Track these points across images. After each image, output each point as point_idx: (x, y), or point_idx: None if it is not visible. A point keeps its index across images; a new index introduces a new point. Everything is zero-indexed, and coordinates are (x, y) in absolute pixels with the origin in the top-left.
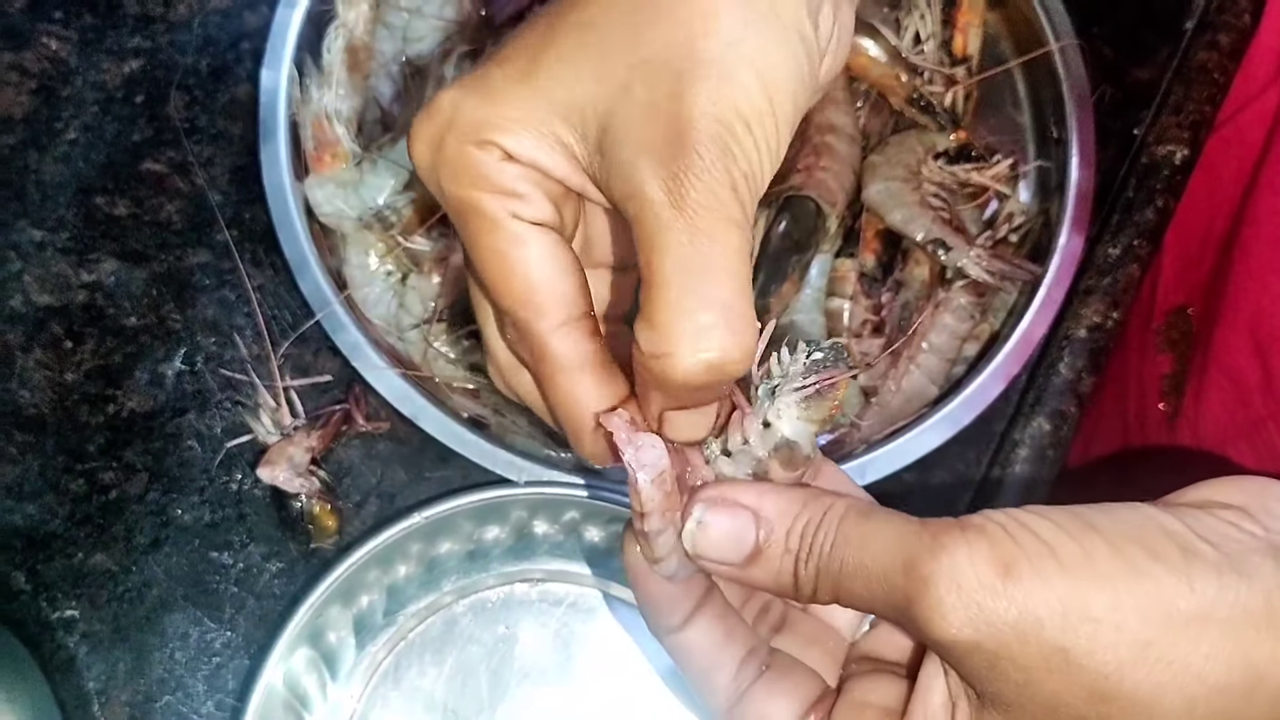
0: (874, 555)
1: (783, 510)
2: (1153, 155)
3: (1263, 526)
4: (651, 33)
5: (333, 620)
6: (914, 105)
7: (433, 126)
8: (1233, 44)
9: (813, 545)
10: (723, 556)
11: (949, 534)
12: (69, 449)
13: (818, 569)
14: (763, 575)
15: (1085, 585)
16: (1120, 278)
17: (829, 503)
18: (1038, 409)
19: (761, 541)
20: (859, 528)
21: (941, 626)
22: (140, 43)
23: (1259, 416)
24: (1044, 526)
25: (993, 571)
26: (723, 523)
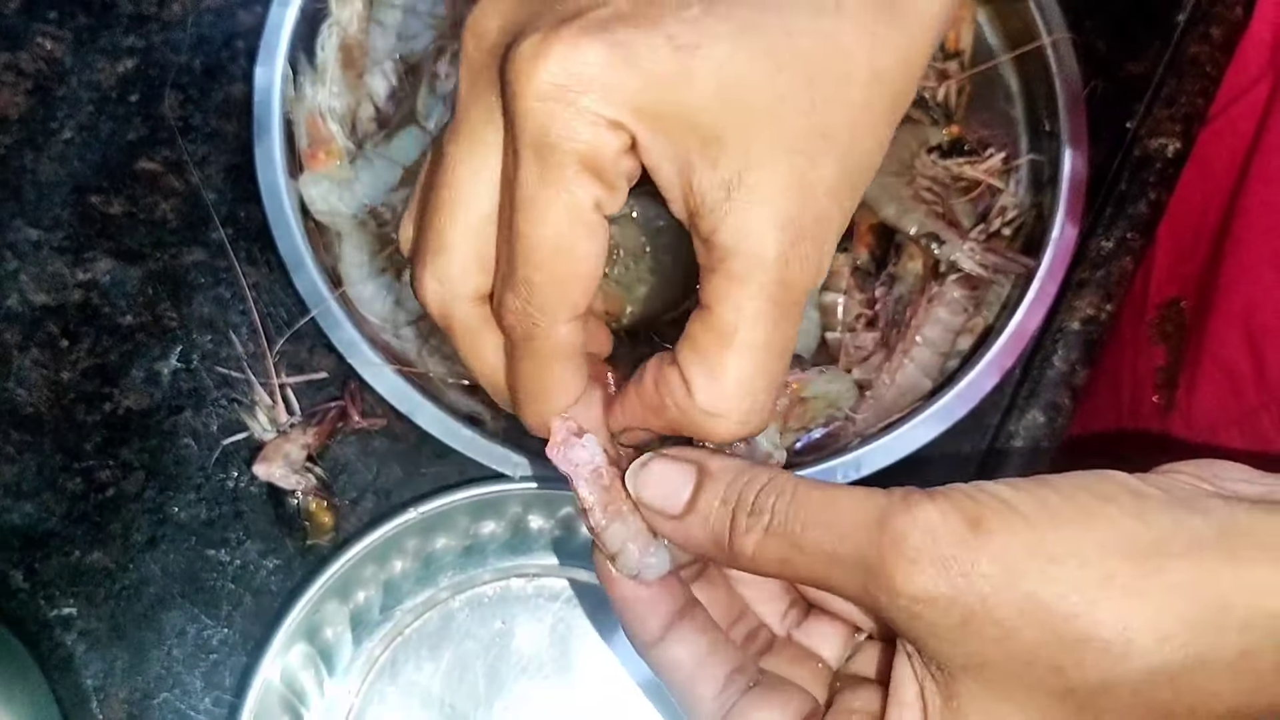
0: (841, 511)
1: (725, 466)
2: (1145, 148)
3: (1213, 485)
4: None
5: (329, 616)
6: None
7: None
8: (1224, 37)
9: (758, 501)
10: (660, 501)
11: (915, 496)
12: (66, 447)
13: (768, 525)
14: (698, 526)
15: (1046, 530)
16: (1113, 270)
17: (777, 471)
18: (1032, 402)
19: (699, 493)
20: (820, 488)
21: (918, 581)
22: (134, 42)
23: (1252, 407)
24: (1003, 489)
25: (963, 525)
26: (663, 467)
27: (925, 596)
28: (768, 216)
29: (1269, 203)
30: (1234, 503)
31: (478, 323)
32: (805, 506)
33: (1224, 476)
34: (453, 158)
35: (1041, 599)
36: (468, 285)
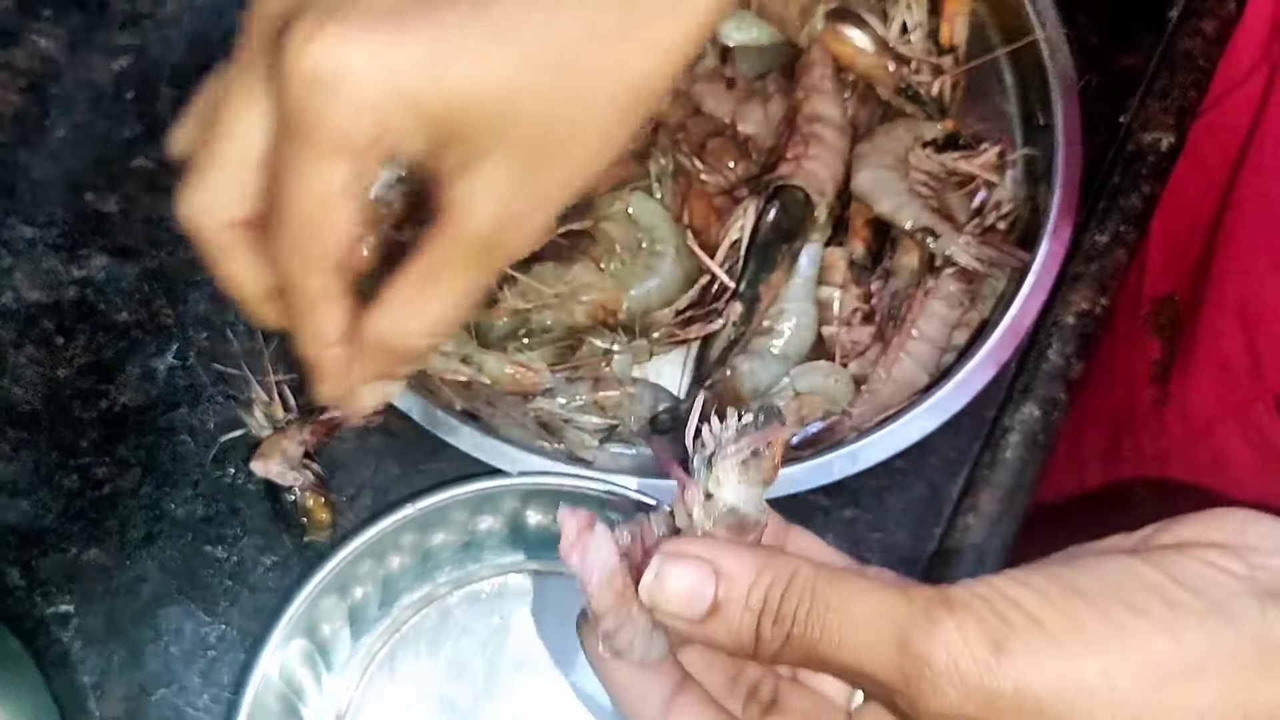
0: (860, 624)
1: (742, 566)
2: (1139, 142)
3: (1245, 564)
4: None
5: (327, 612)
6: (902, 95)
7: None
8: (1217, 31)
9: (782, 608)
10: (681, 611)
11: (937, 610)
12: (62, 445)
13: (788, 634)
14: (722, 633)
15: (1076, 655)
16: (1108, 264)
17: (794, 564)
18: (1028, 395)
19: (720, 597)
20: (839, 592)
21: (942, 703)
22: (129, 40)
23: (1246, 398)
24: (1027, 597)
25: (986, 649)
26: (681, 575)
27: (949, 716)
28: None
29: (1263, 195)
30: (1269, 604)
31: (227, 243)
32: (824, 615)
33: (1258, 549)
34: (235, 98)
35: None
36: (225, 209)
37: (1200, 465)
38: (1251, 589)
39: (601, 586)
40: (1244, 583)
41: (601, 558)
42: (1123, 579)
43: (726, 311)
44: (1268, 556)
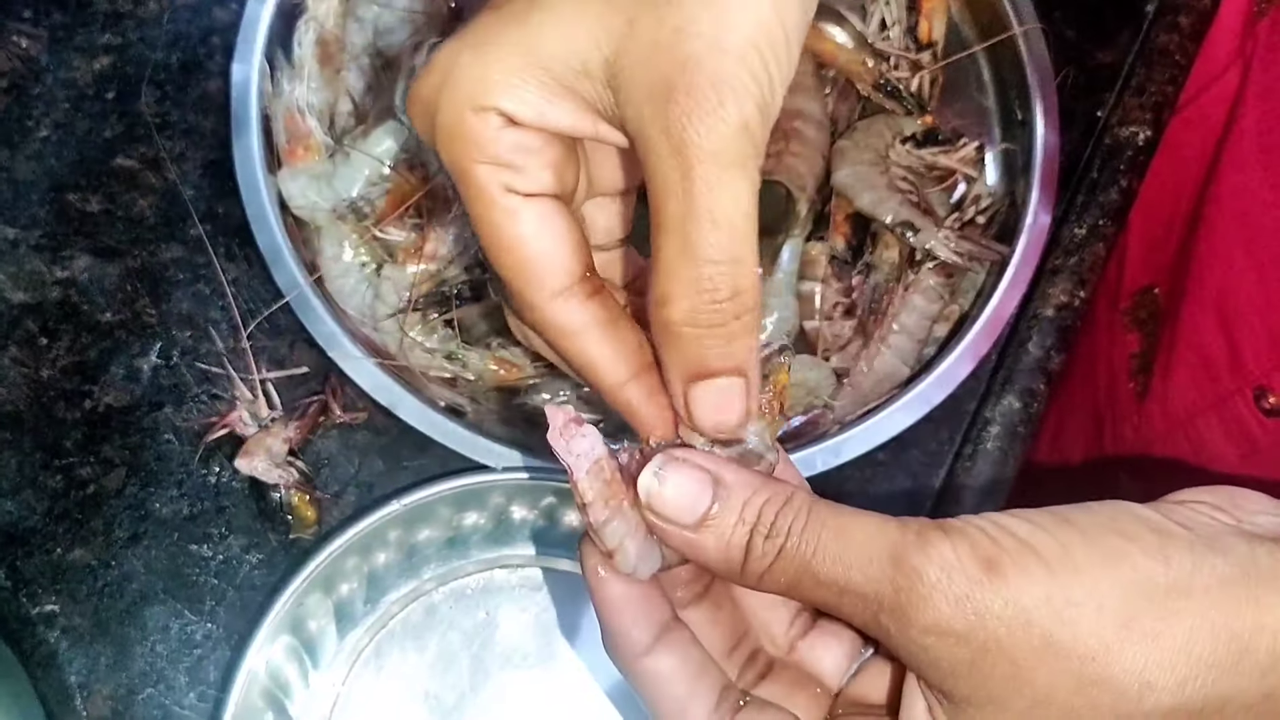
0: (855, 542)
1: (742, 481)
2: (1116, 136)
3: (1234, 518)
4: None
5: (313, 608)
6: (881, 90)
7: (428, 88)
8: (1193, 26)
9: (776, 522)
10: (675, 514)
11: (932, 530)
12: (46, 445)
13: (780, 548)
14: (713, 543)
15: (1065, 573)
16: (1086, 257)
17: (792, 489)
18: (1008, 387)
19: (716, 507)
20: (836, 516)
21: (930, 616)
22: (110, 39)
23: (1226, 391)
24: (1021, 527)
25: (978, 566)
26: (680, 477)
27: (937, 630)
28: (638, 90)
29: (1240, 188)
30: (1256, 542)
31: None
32: (819, 532)
33: (1246, 509)
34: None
35: (1057, 640)
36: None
37: (1181, 457)
38: (1239, 532)
39: (590, 474)
40: (1232, 528)
41: (590, 444)
42: (1115, 513)
43: None
44: (1255, 515)
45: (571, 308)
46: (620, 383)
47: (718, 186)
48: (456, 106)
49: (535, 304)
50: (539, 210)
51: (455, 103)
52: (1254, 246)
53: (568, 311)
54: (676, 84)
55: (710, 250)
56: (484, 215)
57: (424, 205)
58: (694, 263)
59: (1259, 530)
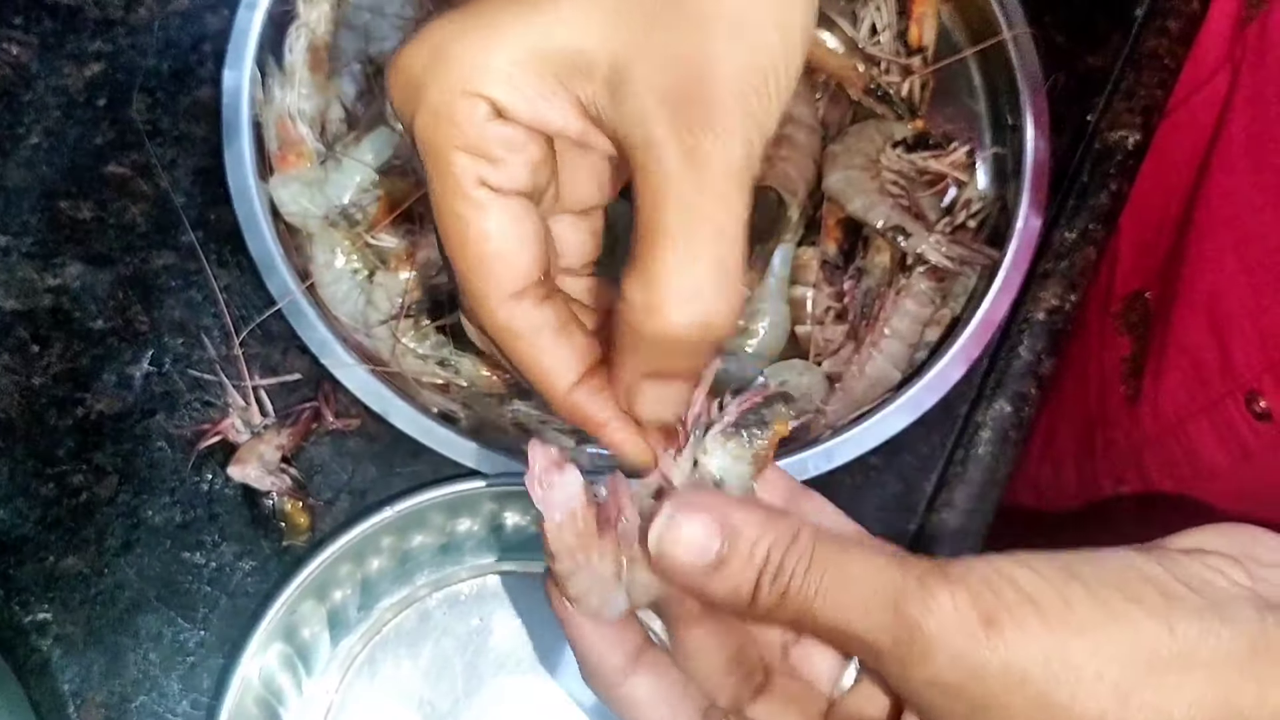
0: (856, 586)
1: (750, 521)
2: (1106, 140)
3: (1248, 575)
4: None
5: (306, 616)
6: (872, 95)
7: (419, 61)
8: (1182, 30)
9: (783, 564)
10: (688, 560)
11: (933, 578)
12: (38, 453)
13: (785, 590)
14: (721, 586)
15: (1065, 634)
16: (1077, 261)
17: (797, 523)
18: (999, 391)
19: (727, 551)
20: (838, 554)
21: (931, 669)
22: (101, 46)
23: (1217, 395)
24: (1024, 576)
25: (978, 623)
26: (693, 525)
27: (935, 683)
28: (647, 96)
29: (1230, 192)
30: (1267, 611)
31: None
32: (821, 575)
33: (1261, 559)
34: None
35: (1054, 702)
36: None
37: (1173, 461)
38: (1253, 597)
39: (562, 525)
40: (1244, 591)
41: (567, 494)
42: (1123, 569)
43: None
44: (1272, 570)
45: (525, 310)
46: (567, 389)
47: (727, 202)
48: (448, 87)
49: (489, 303)
50: (510, 208)
51: (447, 83)
52: (1244, 250)
53: (521, 313)
54: (697, 96)
55: (711, 262)
56: (451, 206)
57: (416, 211)
58: (689, 273)
59: (1272, 590)
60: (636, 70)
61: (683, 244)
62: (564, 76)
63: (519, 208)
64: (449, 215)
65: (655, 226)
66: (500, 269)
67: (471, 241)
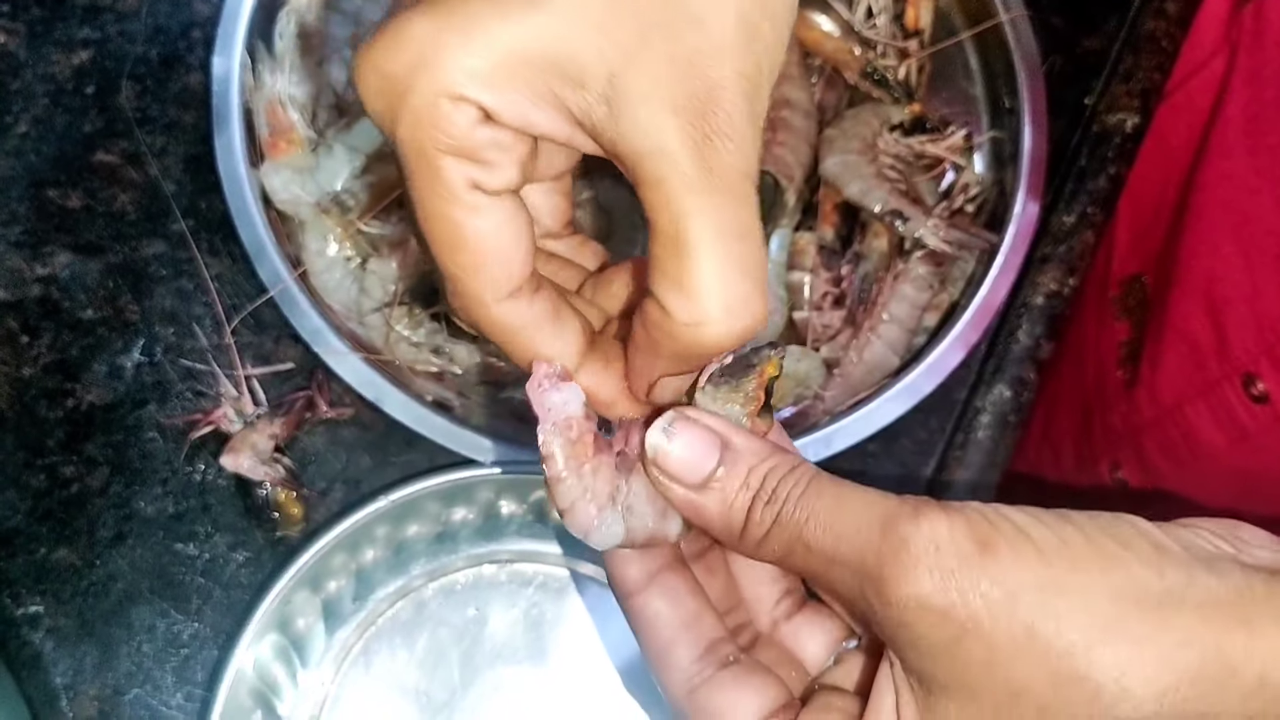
0: (849, 511)
1: (750, 447)
2: (1104, 124)
3: (1233, 547)
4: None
5: (301, 606)
6: (868, 79)
7: (398, 64)
8: (1180, 12)
9: (777, 489)
10: (681, 471)
11: (926, 506)
12: (28, 444)
13: (777, 515)
14: (715, 506)
15: (1060, 567)
16: (1075, 245)
17: (798, 459)
18: (998, 376)
19: (724, 470)
20: (834, 485)
21: (913, 589)
22: (89, 33)
23: (1214, 378)
24: (1021, 516)
25: (971, 543)
26: (689, 436)
27: (917, 605)
28: (656, 107)
29: (1227, 175)
30: (1252, 571)
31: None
32: (815, 500)
33: (1247, 540)
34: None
35: (1039, 632)
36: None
37: (1171, 444)
38: (1236, 559)
39: (553, 427)
40: (1229, 555)
41: (560, 398)
42: (1116, 521)
43: None
44: (1254, 548)
45: (520, 307)
46: (570, 372)
47: (748, 202)
48: (433, 92)
49: (485, 305)
50: (503, 208)
51: (431, 88)
52: (1241, 233)
53: (517, 310)
54: (710, 103)
55: (750, 268)
56: (441, 210)
57: (409, 198)
58: (733, 286)
59: (1256, 561)
60: (638, 81)
61: (721, 257)
62: (555, 84)
63: (511, 206)
64: (439, 220)
65: (685, 240)
66: (496, 271)
67: (467, 245)
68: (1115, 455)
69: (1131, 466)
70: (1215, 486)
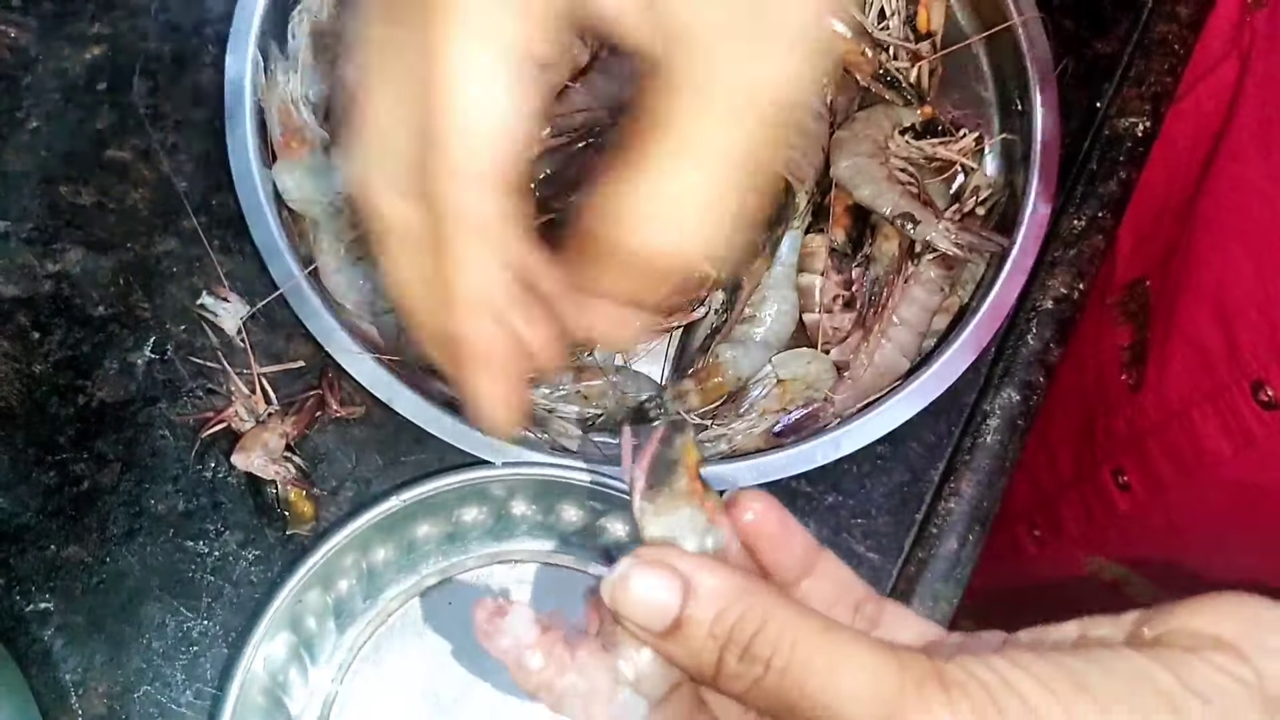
0: (846, 694)
1: (717, 587)
2: (1115, 127)
3: (1254, 670)
4: None
5: (312, 605)
6: (880, 81)
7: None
8: (1191, 16)
9: (752, 649)
10: (641, 620)
11: (931, 688)
12: (39, 441)
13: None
14: (681, 655)
15: None
16: (1085, 249)
17: (772, 604)
18: (1007, 380)
19: (684, 615)
20: (824, 654)
21: None
22: (101, 29)
23: (1223, 383)
24: (1030, 688)
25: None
26: (646, 581)
27: None
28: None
29: (1238, 180)
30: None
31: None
32: (804, 674)
33: (1266, 646)
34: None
35: None
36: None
37: (1176, 449)
38: (1260, 700)
39: (522, 666)
40: (1252, 692)
41: (515, 635)
42: (1133, 681)
43: (708, 299)
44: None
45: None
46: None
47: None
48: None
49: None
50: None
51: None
52: (1252, 239)
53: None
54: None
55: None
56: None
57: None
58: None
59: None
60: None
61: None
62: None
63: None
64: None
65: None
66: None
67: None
68: (1119, 460)
69: (1135, 472)
70: (1217, 497)
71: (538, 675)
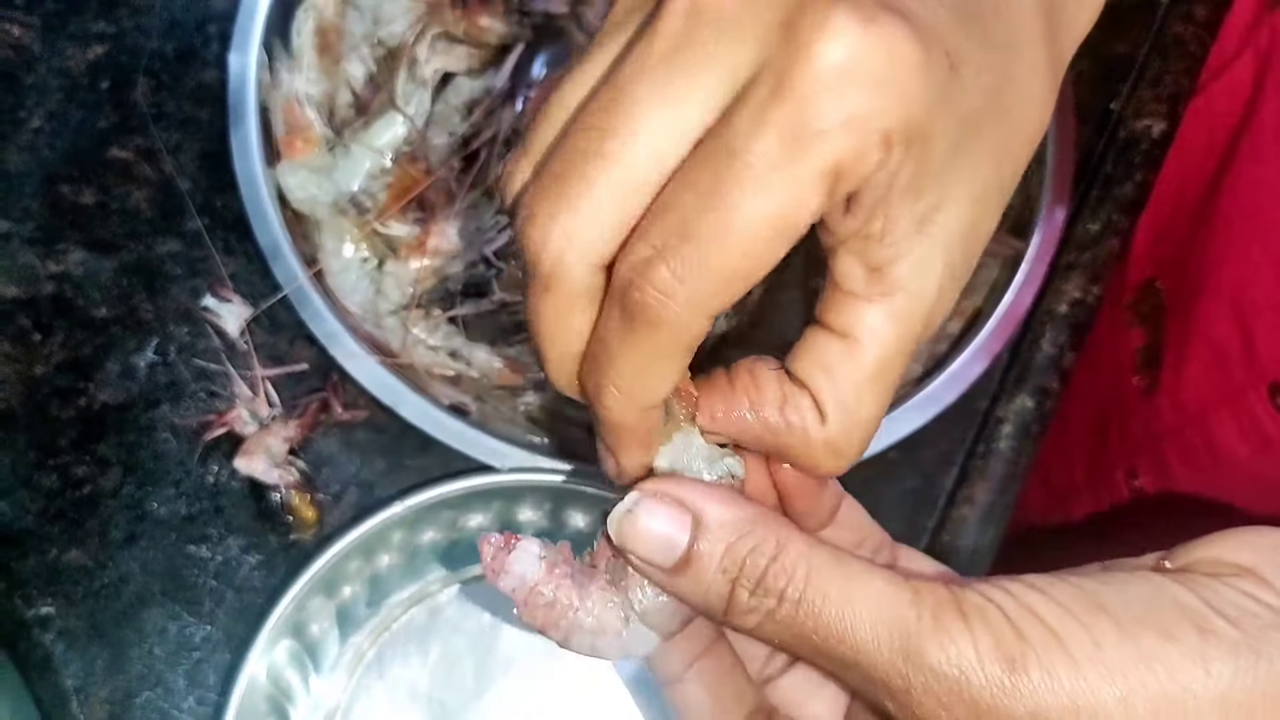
0: (861, 621)
1: (723, 521)
2: (1130, 129)
3: (1277, 593)
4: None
5: (315, 612)
6: None
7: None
8: (1208, 16)
9: (765, 581)
10: (648, 555)
11: (948, 616)
12: (40, 444)
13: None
14: (691, 591)
15: (1095, 679)
16: (1100, 253)
17: (785, 534)
18: (1021, 386)
19: (694, 550)
20: (839, 584)
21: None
22: (104, 28)
23: (1240, 385)
24: (1050, 610)
25: (999, 666)
26: (654, 516)
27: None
28: (943, 259)
29: (1257, 181)
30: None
31: (587, 293)
32: (820, 605)
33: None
34: (640, 99)
35: None
36: (601, 251)
37: (1192, 451)
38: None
39: (528, 602)
40: (1277, 616)
41: (521, 570)
42: (1155, 600)
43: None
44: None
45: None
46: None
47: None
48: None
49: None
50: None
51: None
52: (1272, 241)
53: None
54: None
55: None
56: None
57: (426, 199)
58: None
59: None
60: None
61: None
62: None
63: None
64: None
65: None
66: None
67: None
68: (1132, 462)
69: (1149, 474)
70: (1235, 493)
71: (544, 612)
